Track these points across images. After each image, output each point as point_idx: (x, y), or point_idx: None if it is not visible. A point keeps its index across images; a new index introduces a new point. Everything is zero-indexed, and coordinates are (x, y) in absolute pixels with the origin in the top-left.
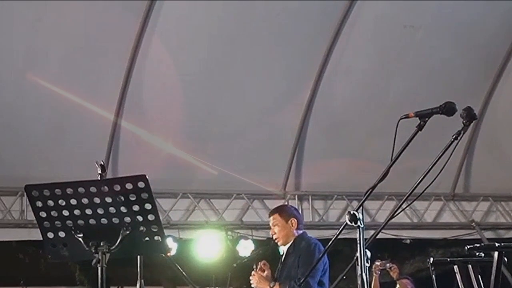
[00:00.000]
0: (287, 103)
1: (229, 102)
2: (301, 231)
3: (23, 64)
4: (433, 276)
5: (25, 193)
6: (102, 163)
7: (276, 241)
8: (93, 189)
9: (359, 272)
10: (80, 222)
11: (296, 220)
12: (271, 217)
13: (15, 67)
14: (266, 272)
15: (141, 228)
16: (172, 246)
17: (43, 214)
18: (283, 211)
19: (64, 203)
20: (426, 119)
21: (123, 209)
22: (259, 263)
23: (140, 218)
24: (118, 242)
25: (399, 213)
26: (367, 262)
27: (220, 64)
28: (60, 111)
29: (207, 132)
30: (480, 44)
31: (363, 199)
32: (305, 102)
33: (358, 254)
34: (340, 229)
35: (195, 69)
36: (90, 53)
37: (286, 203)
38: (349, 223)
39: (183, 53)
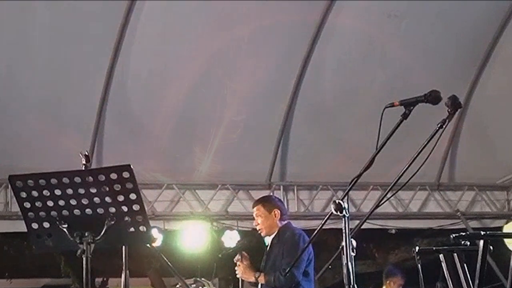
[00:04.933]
0: (272, 94)
1: (214, 93)
2: (285, 222)
3: (8, 57)
4: (419, 265)
5: (9, 185)
6: (86, 153)
7: (259, 231)
8: (77, 180)
9: (344, 262)
10: (65, 212)
11: (279, 211)
12: (255, 208)
13: (0, 59)
14: (245, 263)
15: (126, 218)
16: (157, 237)
17: (27, 205)
18: (266, 202)
19: (48, 194)
20: (411, 107)
21: (107, 199)
22: (237, 255)
23: (125, 208)
24: (103, 232)
25: (384, 202)
26: (353, 251)
27: (205, 55)
28: (44, 101)
29: (192, 122)
30: (465, 33)
31: (348, 188)
32: (290, 93)
33: (343, 243)
34: (326, 219)
35: (180, 59)
36: (74, 43)
37: (271, 194)
38: (334, 212)
39: (168, 42)
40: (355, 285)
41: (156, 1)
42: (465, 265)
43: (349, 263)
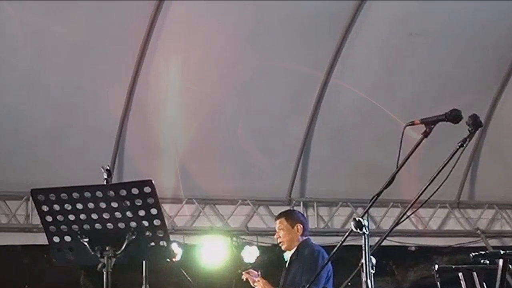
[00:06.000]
0: (293, 110)
1: (235, 108)
2: (305, 238)
3: (28, 69)
4: (438, 283)
5: (30, 197)
6: (108, 167)
7: (280, 244)
8: (99, 194)
9: (364, 279)
10: (86, 226)
11: (302, 226)
12: (278, 221)
13: (20, 73)
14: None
15: (147, 233)
16: (177, 251)
17: (49, 219)
18: (290, 216)
19: (70, 208)
20: (432, 126)
21: (129, 214)
22: (242, 275)
23: (145, 223)
24: (123, 247)
25: (404, 220)
26: (372, 269)
27: (227, 70)
28: (65, 115)
29: (212, 137)
30: (485, 52)
31: (368, 206)
32: (311, 109)
33: (363, 261)
34: (345, 236)
35: (201, 75)
36: (95, 57)
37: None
38: (354, 229)
39: (189, 59)
40: None
41: (178, 20)
42: (484, 283)
43: (369, 281)
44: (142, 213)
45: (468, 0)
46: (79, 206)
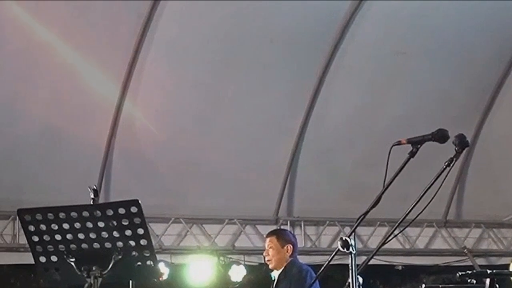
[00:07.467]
0: (280, 128)
1: (222, 127)
2: (293, 258)
3: (15, 88)
4: None
5: (17, 217)
6: (95, 187)
7: (267, 263)
8: (85, 214)
9: None
10: (73, 246)
11: (292, 247)
12: (268, 239)
13: (7, 91)
14: None
15: (134, 253)
16: (164, 271)
17: (35, 238)
18: (281, 236)
19: (56, 228)
20: (418, 146)
21: (115, 233)
22: None
23: (132, 243)
24: (110, 266)
25: (391, 239)
26: None
27: (213, 90)
28: (53, 135)
29: (199, 156)
30: (473, 71)
31: (355, 225)
32: (298, 128)
33: (350, 280)
34: (332, 255)
35: (186, 95)
36: (84, 71)
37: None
38: (341, 249)
39: (175, 80)
40: None
41: (164, 40)
42: None
43: None
44: (128, 232)
45: (454, 18)
46: (66, 226)
